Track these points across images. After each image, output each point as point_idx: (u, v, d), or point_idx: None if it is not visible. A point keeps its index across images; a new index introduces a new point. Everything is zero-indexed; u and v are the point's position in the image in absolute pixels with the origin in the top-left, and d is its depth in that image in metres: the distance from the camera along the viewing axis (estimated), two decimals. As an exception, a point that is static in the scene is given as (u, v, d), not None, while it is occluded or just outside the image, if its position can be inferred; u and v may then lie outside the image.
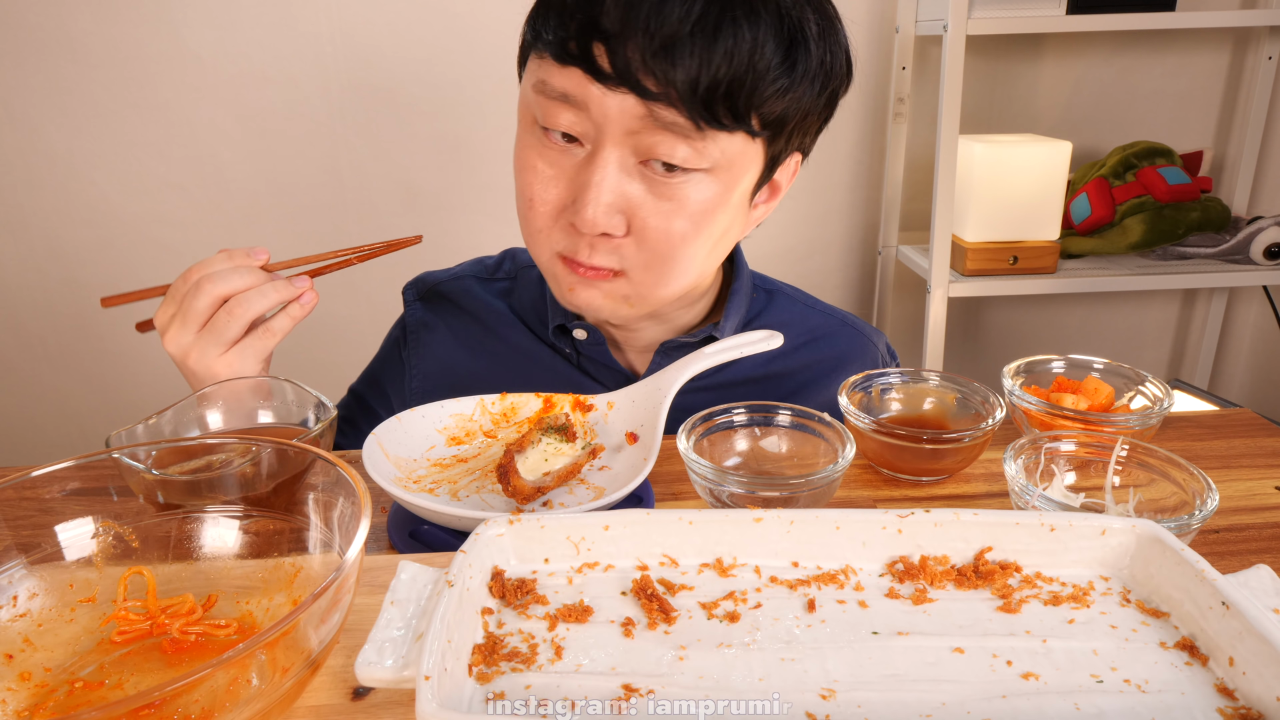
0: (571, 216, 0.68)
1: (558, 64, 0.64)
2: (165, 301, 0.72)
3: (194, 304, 0.69)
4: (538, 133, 0.69)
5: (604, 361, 0.85)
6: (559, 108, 0.65)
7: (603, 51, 0.62)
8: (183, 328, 0.70)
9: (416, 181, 1.73)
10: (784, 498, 0.59)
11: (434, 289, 0.94)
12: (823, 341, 0.90)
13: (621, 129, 0.64)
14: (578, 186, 0.67)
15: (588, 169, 0.66)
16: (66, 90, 1.61)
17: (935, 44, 1.73)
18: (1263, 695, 0.39)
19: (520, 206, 0.73)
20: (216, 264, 0.70)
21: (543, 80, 0.66)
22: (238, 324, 0.70)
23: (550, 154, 0.68)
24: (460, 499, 0.63)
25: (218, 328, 0.69)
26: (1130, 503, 0.61)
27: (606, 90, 0.63)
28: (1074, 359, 0.77)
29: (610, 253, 0.69)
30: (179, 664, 0.44)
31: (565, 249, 0.71)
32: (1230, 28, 1.76)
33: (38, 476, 0.47)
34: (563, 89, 0.65)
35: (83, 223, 1.70)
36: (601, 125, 0.65)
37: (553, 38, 0.64)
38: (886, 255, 1.86)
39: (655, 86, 0.61)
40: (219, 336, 0.70)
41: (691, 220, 0.68)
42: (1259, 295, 1.95)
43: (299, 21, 1.61)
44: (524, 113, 0.71)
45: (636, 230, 0.68)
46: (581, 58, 0.62)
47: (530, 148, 0.70)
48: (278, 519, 0.51)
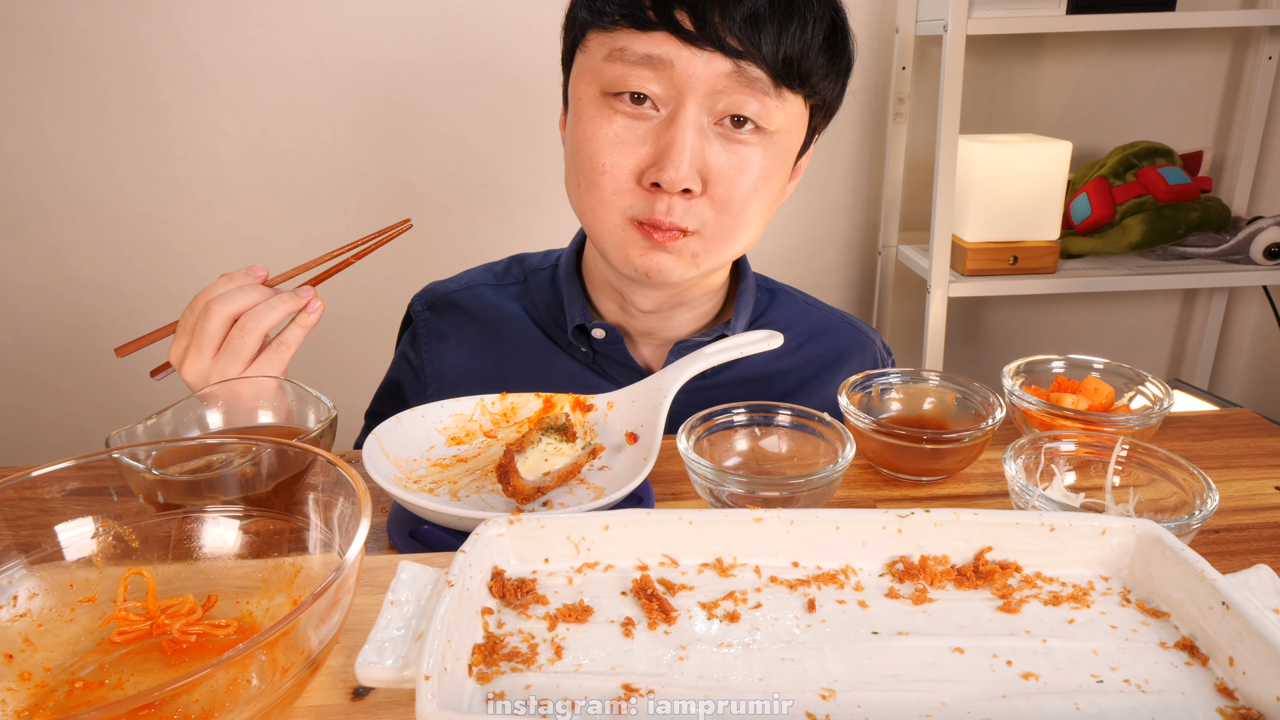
0: (654, 176, 0.70)
1: (638, 31, 0.68)
2: (176, 336, 0.72)
3: (206, 328, 0.69)
4: (606, 102, 0.71)
5: (621, 360, 0.86)
6: (639, 71, 0.68)
7: (686, 17, 0.66)
8: (199, 355, 0.70)
9: (416, 181, 1.73)
10: (784, 498, 0.59)
11: (445, 299, 0.94)
12: (823, 338, 0.92)
13: (706, 88, 0.68)
14: (660, 147, 0.70)
15: (669, 129, 0.69)
16: (66, 90, 1.61)
17: (935, 44, 1.73)
18: (1263, 695, 0.39)
19: (587, 175, 0.73)
20: (220, 287, 0.71)
21: (621, 47, 0.69)
22: (251, 340, 0.70)
23: (623, 120, 0.71)
24: (460, 499, 0.63)
25: (233, 348, 0.70)
26: (1130, 503, 0.61)
27: (694, 50, 0.67)
28: (1074, 359, 0.77)
29: (686, 211, 0.72)
30: (179, 664, 0.44)
31: (640, 212, 0.73)
32: (1230, 28, 1.76)
33: (38, 476, 0.47)
34: (645, 51, 0.68)
35: (83, 223, 1.70)
36: (684, 86, 0.68)
37: (626, 10, 0.68)
38: (886, 255, 1.86)
39: (740, 46, 0.67)
40: (235, 356, 0.70)
41: (759, 179, 0.73)
42: (1259, 295, 1.95)
43: (299, 21, 1.61)
44: (585, 89, 0.73)
45: (711, 188, 0.72)
46: (666, 23, 0.66)
47: (599, 118, 0.71)
48: (278, 519, 0.51)
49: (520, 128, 1.71)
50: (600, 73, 0.71)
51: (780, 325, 0.91)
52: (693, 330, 0.87)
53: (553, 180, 1.76)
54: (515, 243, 1.64)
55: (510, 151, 1.73)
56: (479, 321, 0.92)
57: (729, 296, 0.90)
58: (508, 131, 1.72)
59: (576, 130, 0.74)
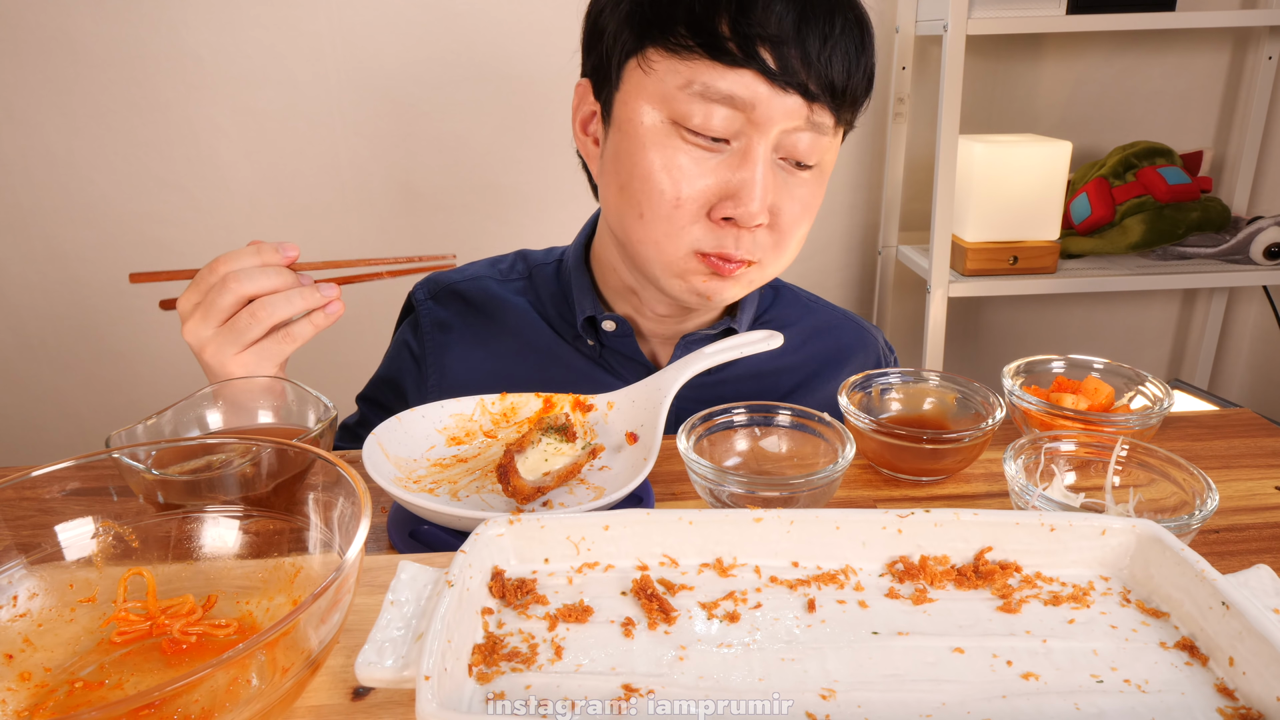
0: (729, 211, 0.70)
1: (721, 65, 0.66)
2: (190, 288, 0.70)
3: (218, 300, 0.67)
4: (674, 131, 0.69)
5: (628, 354, 0.86)
6: (717, 108, 0.67)
7: (769, 54, 0.66)
8: (203, 321, 0.68)
9: (416, 181, 1.73)
10: (784, 498, 0.59)
11: (449, 289, 0.93)
12: (827, 335, 0.93)
13: (780, 128, 0.69)
14: (736, 183, 0.69)
15: (744, 166, 0.69)
16: (66, 90, 1.61)
17: (935, 44, 1.73)
18: (1263, 695, 0.39)
19: (654, 208, 0.71)
20: (245, 259, 0.68)
21: (701, 82, 0.67)
22: (259, 327, 0.68)
23: (695, 152, 0.70)
24: (460, 499, 0.63)
25: (238, 328, 0.68)
26: (1130, 503, 0.61)
27: (776, 92, 0.67)
28: (1074, 359, 0.77)
29: (753, 243, 0.73)
30: (179, 664, 0.44)
31: (710, 245, 0.73)
32: (1230, 28, 1.76)
33: (38, 476, 0.47)
34: (729, 91, 0.66)
35: (83, 223, 1.70)
36: (761, 125, 0.68)
37: (703, 39, 0.66)
38: (886, 255, 1.86)
39: (816, 88, 0.67)
40: (239, 336, 0.68)
41: (810, 209, 0.75)
42: (1259, 295, 1.95)
43: (299, 21, 1.61)
44: (646, 112, 0.70)
45: (775, 220, 0.73)
46: (752, 60, 0.65)
47: (669, 147, 0.70)
48: (278, 519, 0.51)
49: (520, 128, 1.71)
50: (671, 101, 0.68)
51: (784, 322, 0.92)
52: (699, 325, 0.88)
53: (553, 180, 1.76)
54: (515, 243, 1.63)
55: (510, 152, 1.73)
56: (484, 313, 0.91)
57: None
58: (508, 131, 1.72)
59: (637, 157, 0.71)
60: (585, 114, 0.79)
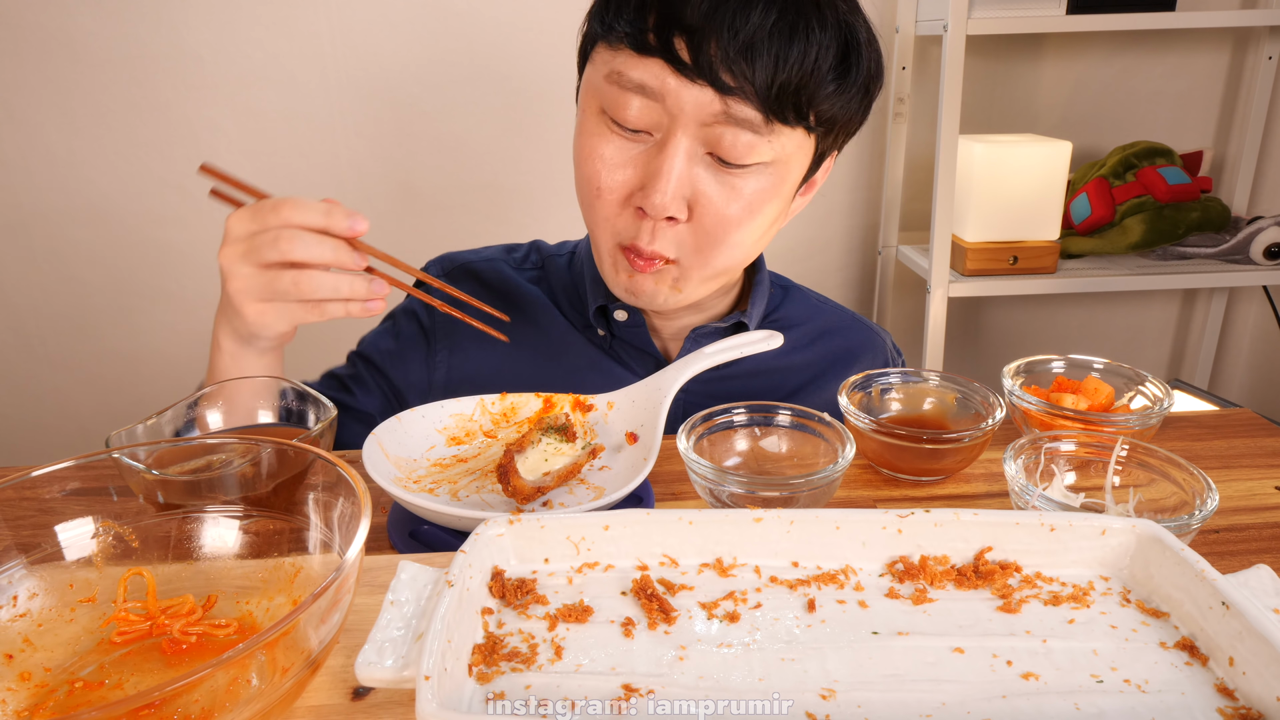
0: (640, 201, 0.70)
1: (636, 55, 0.66)
2: (247, 214, 0.64)
3: (267, 248, 0.62)
4: (605, 121, 0.70)
5: (639, 345, 0.86)
6: (632, 98, 0.67)
7: (683, 45, 0.65)
8: (244, 258, 0.64)
9: (416, 181, 1.73)
10: (784, 498, 0.59)
11: (464, 267, 0.93)
12: (836, 336, 0.94)
13: (695, 121, 0.67)
14: (648, 174, 0.69)
15: (658, 157, 0.68)
16: (66, 90, 1.61)
17: (935, 44, 1.73)
18: (1263, 695, 0.39)
19: (585, 194, 0.74)
20: (311, 215, 0.63)
21: (618, 71, 0.68)
22: (296, 294, 0.64)
23: (618, 142, 0.70)
24: (460, 499, 0.63)
25: (275, 285, 0.64)
26: (1130, 503, 0.61)
27: (685, 83, 0.65)
28: (1074, 359, 0.77)
29: (668, 239, 0.72)
30: (179, 664, 0.44)
31: (626, 237, 0.73)
32: (1230, 28, 1.76)
33: (38, 476, 0.47)
34: (640, 80, 0.67)
35: (83, 223, 1.70)
36: (675, 116, 0.67)
37: (630, 29, 0.66)
38: (886, 255, 1.86)
39: (733, 82, 0.65)
40: (269, 289, 0.64)
41: (747, 208, 0.71)
42: (1259, 295, 1.95)
43: (299, 21, 1.61)
44: (588, 102, 0.72)
45: (696, 216, 0.71)
46: (663, 50, 0.65)
47: (597, 135, 0.71)
48: (278, 519, 0.51)
49: (520, 128, 1.71)
50: (600, 92, 0.70)
51: (792, 321, 0.92)
52: (709, 318, 0.88)
53: (553, 180, 1.76)
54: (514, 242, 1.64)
55: (511, 152, 1.73)
56: (498, 294, 0.91)
57: (744, 290, 0.91)
58: (508, 132, 1.72)
59: (578, 145, 0.73)
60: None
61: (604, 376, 0.86)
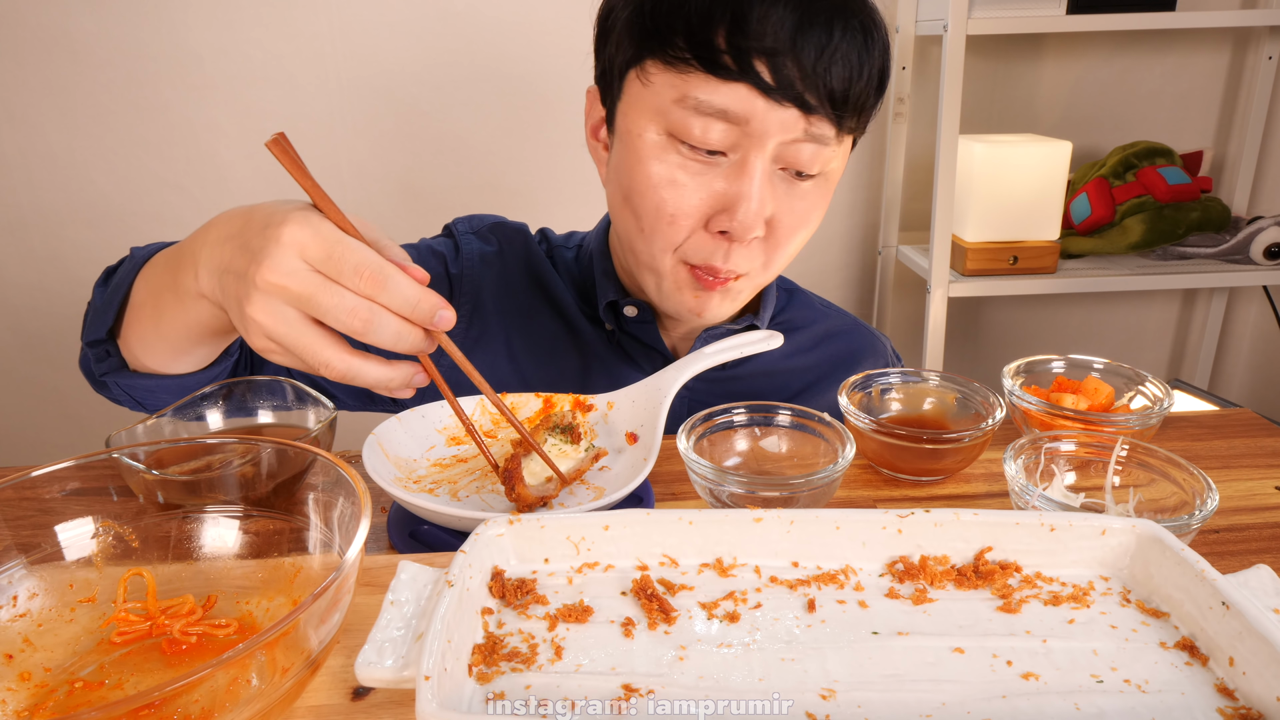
0: (723, 225, 0.69)
1: (714, 79, 0.64)
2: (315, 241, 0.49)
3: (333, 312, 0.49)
4: (670, 144, 0.68)
5: (647, 341, 0.85)
6: (713, 123, 0.66)
7: (764, 67, 0.64)
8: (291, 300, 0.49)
9: (416, 181, 1.73)
10: (784, 498, 0.59)
11: (493, 228, 0.91)
12: (839, 339, 0.95)
13: (777, 141, 0.67)
14: (729, 197, 0.68)
15: (739, 178, 0.68)
16: (66, 90, 1.61)
17: (935, 44, 1.73)
18: (1263, 695, 0.39)
19: (651, 220, 0.71)
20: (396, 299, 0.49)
21: (694, 96, 0.65)
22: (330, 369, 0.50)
23: (690, 165, 0.68)
24: (460, 499, 0.63)
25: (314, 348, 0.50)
26: (1130, 503, 0.61)
27: (772, 105, 0.65)
28: (1074, 359, 0.77)
29: (743, 255, 0.72)
30: (179, 664, 0.44)
31: (700, 258, 0.72)
32: (1230, 28, 1.76)
33: (38, 476, 0.47)
34: (723, 105, 0.65)
35: (83, 223, 1.70)
36: (759, 137, 0.66)
37: (699, 52, 0.64)
38: (886, 255, 1.86)
39: (814, 100, 0.65)
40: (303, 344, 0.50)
41: (808, 219, 0.73)
42: (1259, 295, 1.95)
43: (299, 21, 1.61)
44: (647, 125, 0.69)
45: (770, 230, 0.72)
46: (746, 73, 0.64)
47: (663, 161, 0.69)
48: (278, 519, 0.51)
49: (521, 128, 1.71)
50: (668, 115, 0.67)
51: (796, 324, 0.93)
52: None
53: (553, 180, 1.76)
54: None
55: (511, 152, 1.73)
56: (522, 260, 0.90)
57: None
58: (508, 132, 1.72)
59: (636, 171, 0.70)
60: (595, 120, 0.78)
61: (612, 371, 0.86)
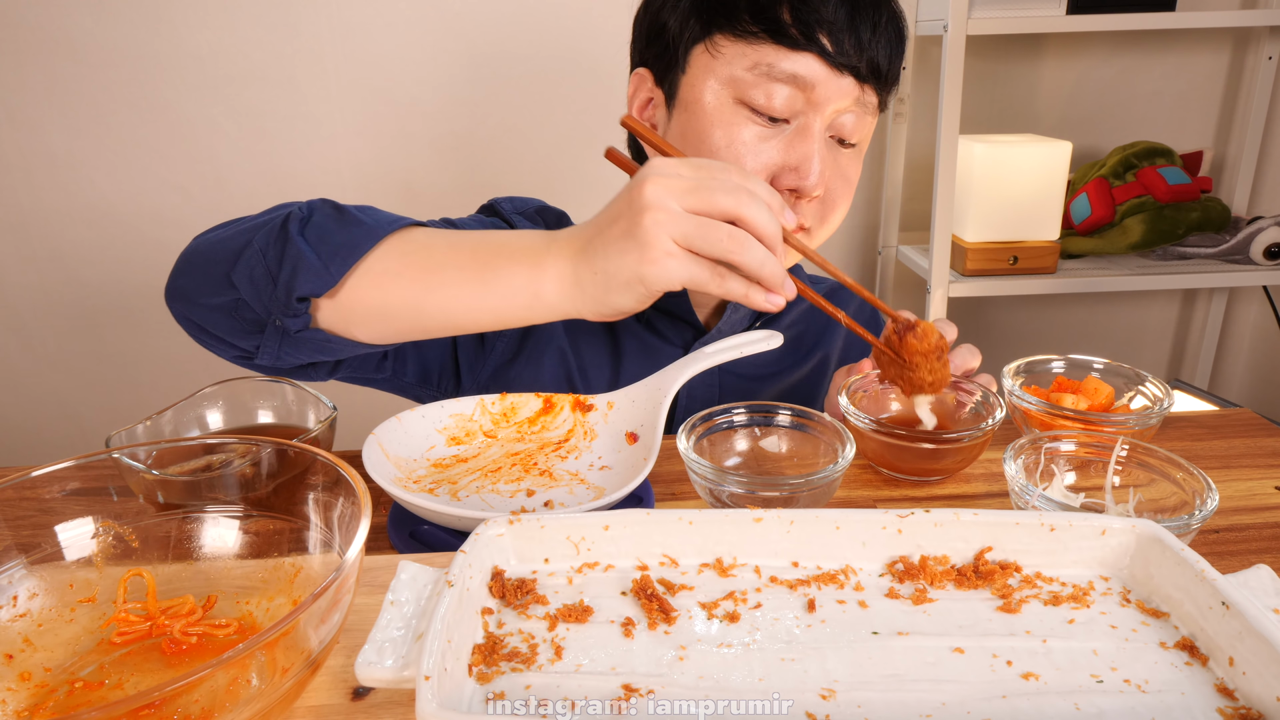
0: (793, 182, 0.75)
1: (784, 49, 0.72)
2: (679, 161, 0.58)
3: (717, 196, 0.56)
4: (739, 109, 0.75)
5: (679, 314, 0.88)
6: (781, 88, 0.73)
7: (826, 38, 0.72)
8: (679, 194, 0.56)
9: (416, 181, 1.73)
10: (784, 498, 0.59)
11: (541, 211, 0.96)
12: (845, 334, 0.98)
13: (834, 107, 0.74)
14: (793, 157, 0.75)
15: (803, 141, 0.75)
16: (66, 90, 1.61)
17: (935, 44, 1.73)
18: (1263, 695, 0.39)
19: None
20: (761, 189, 0.57)
21: (767, 63, 0.73)
22: (721, 248, 0.55)
23: (757, 129, 0.75)
24: (460, 499, 0.63)
25: (706, 231, 0.55)
26: (1130, 503, 0.61)
27: (834, 73, 0.73)
28: (1074, 359, 0.77)
29: (806, 211, 0.79)
30: (179, 664, 0.44)
31: None
32: (1230, 28, 1.76)
33: (38, 476, 0.47)
34: (792, 71, 0.72)
35: (83, 223, 1.70)
36: (820, 104, 0.74)
37: (767, 25, 0.72)
38: (886, 255, 1.86)
39: (866, 70, 0.74)
40: (699, 233, 0.55)
41: (850, 184, 0.81)
42: (1259, 295, 1.95)
43: (299, 21, 1.61)
44: (714, 91, 0.76)
45: (826, 191, 0.79)
46: (812, 43, 0.72)
47: (736, 125, 0.75)
48: (278, 519, 0.51)
49: (521, 128, 1.71)
50: (739, 82, 0.74)
51: (810, 320, 0.96)
52: None
53: (553, 180, 1.76)
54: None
55: (511, 151, 1.73)
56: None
57: None
58: (508, 132, 1.71)
59: (706, 134, 0.76)
60: (643, 99, 0.84)
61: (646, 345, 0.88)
